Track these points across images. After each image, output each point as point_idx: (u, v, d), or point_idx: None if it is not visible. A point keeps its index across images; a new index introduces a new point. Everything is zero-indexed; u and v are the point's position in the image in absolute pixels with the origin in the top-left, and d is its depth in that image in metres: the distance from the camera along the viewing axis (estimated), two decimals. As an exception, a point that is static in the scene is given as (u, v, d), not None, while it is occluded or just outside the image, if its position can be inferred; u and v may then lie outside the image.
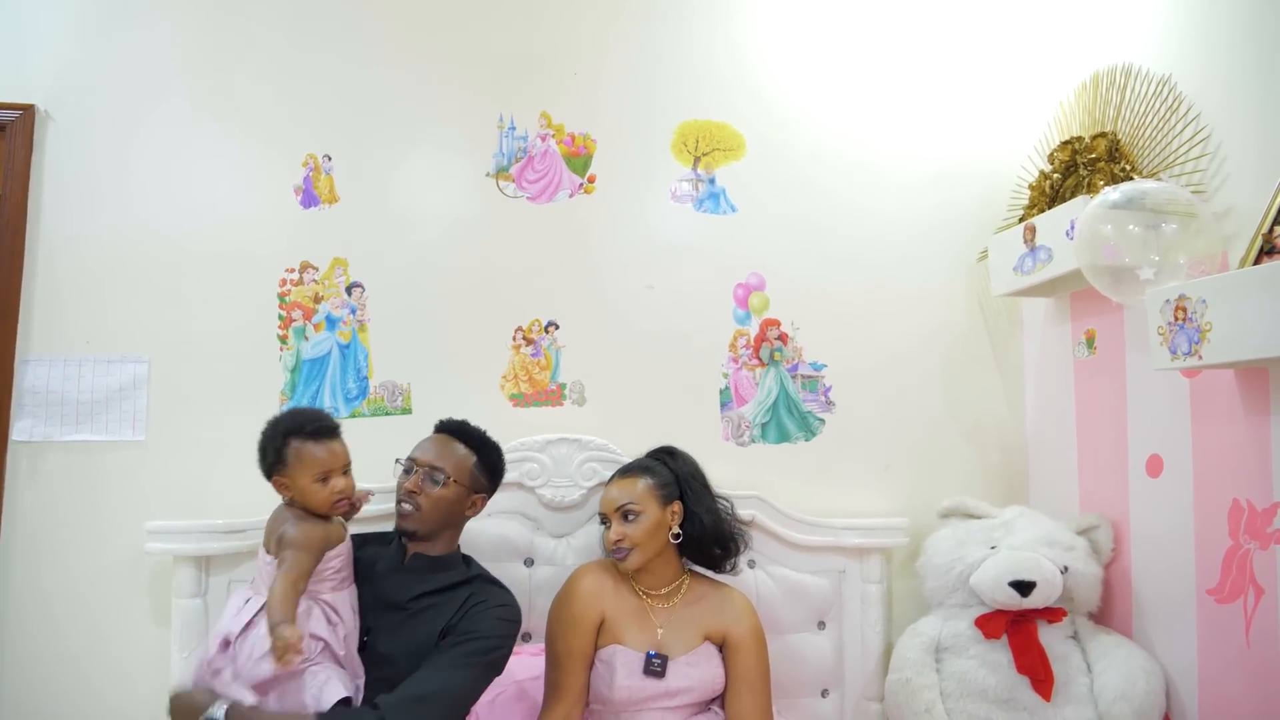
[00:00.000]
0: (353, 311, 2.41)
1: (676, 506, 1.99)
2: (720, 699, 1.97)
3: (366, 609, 1.77)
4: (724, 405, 2.52)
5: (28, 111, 2.31)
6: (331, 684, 1.59)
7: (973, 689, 2.15)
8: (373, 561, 1.86)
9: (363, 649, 1.74)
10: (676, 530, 1.99)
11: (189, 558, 2.11)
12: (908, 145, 2.66)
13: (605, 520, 2.00)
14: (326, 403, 2.37)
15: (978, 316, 2.65)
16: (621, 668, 1.88)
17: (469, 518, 1.93)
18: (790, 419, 2.54)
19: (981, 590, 2.19)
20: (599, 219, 2.53)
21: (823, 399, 2.56)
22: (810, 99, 2.64)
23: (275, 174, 2.42)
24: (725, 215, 2.58)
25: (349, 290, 2.41)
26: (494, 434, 2.32)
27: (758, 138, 2.60)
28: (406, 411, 2.40)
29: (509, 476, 2.27)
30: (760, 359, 2.54)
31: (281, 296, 2.39)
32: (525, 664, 2.11)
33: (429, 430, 2.35)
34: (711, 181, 2.58)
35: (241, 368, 2.35)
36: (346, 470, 1.75)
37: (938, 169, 2.66)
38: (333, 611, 1.68)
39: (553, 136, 2.53)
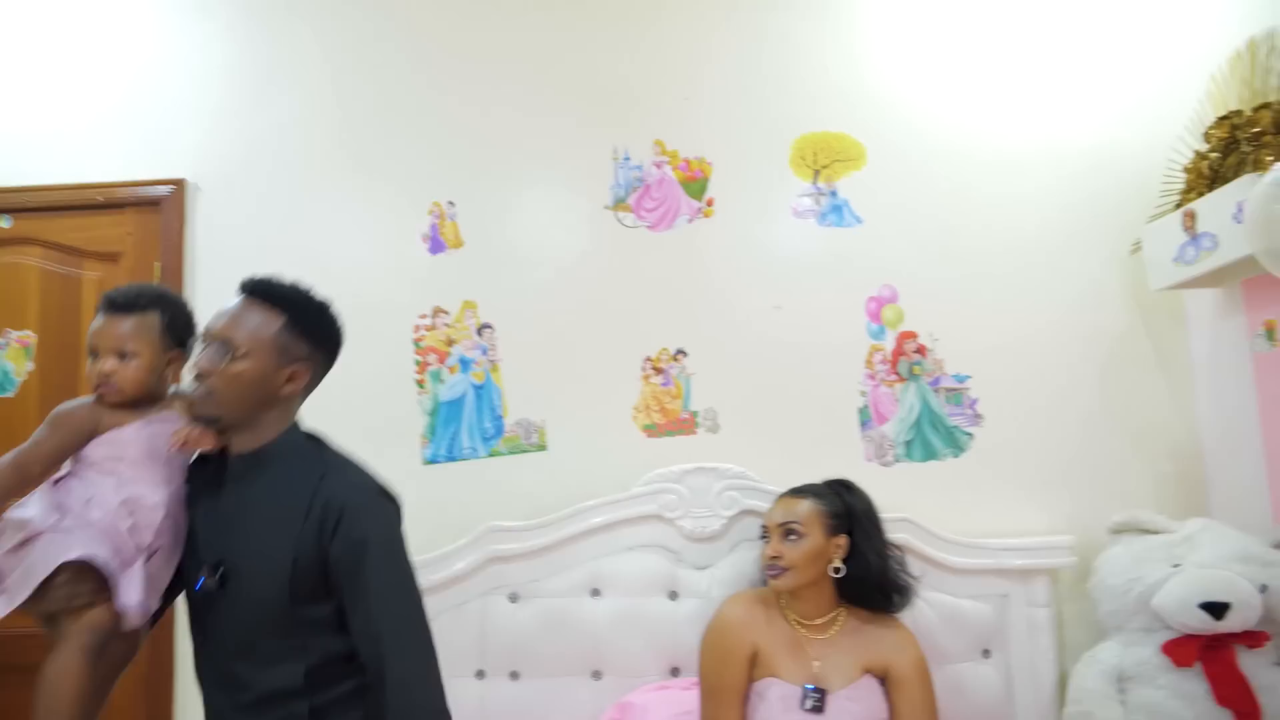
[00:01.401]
0: (484, 352, 2.45)
1: (842, 540, 1.92)
2: (884, 735, 1.87)
3: (213, 538, 1.48)
4: (864, 424, 2.43)
5: (179, 186, 2.48)
6: (57, 544, 1.37)
7: (1165, 722, 1.96)
8: (213, 473, 1.54)
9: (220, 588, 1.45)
10: (838, 565, 1.91)
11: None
12: (1043, 136, 2.51)
13: (765, 535, 1.96)
14: (465, 443, 2.41)
15: (1135, 313, 2.46)
16: (778, 702, 1.82)
17: (289, 394, 1.50)
18: (936, 435, 2.42)
19: (1167, 613, 2.01)
20: (720, 242, 2.50)
21: (969, 412, 2.43)
22: (932, 97, 2.54)
23: (403, 224, 2.51)
24: (850, 227, 2.50)
25: (480, 331, 2.45)
26: (629, 466, 2.34)
27: (879, 144, 2.52)
28: (542, 448, 2.42)
29: (646, 509, 2.26)
30: (899, 374, 2.44)
31: (416, 341, 2.45)
32: (676, 698, 2.07)
33: (565, 465, 2.38)
34: (834, 194, 2.51)
35: (383, 413, 2.43)
36: (124, 355, 1.47)
37: (1078, 158, 2.50)
38: (94, 491, 1.46)
39: (668, 163, 2.52)
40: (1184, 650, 1.98)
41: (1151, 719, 1.98)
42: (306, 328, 1.50)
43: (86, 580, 1.36)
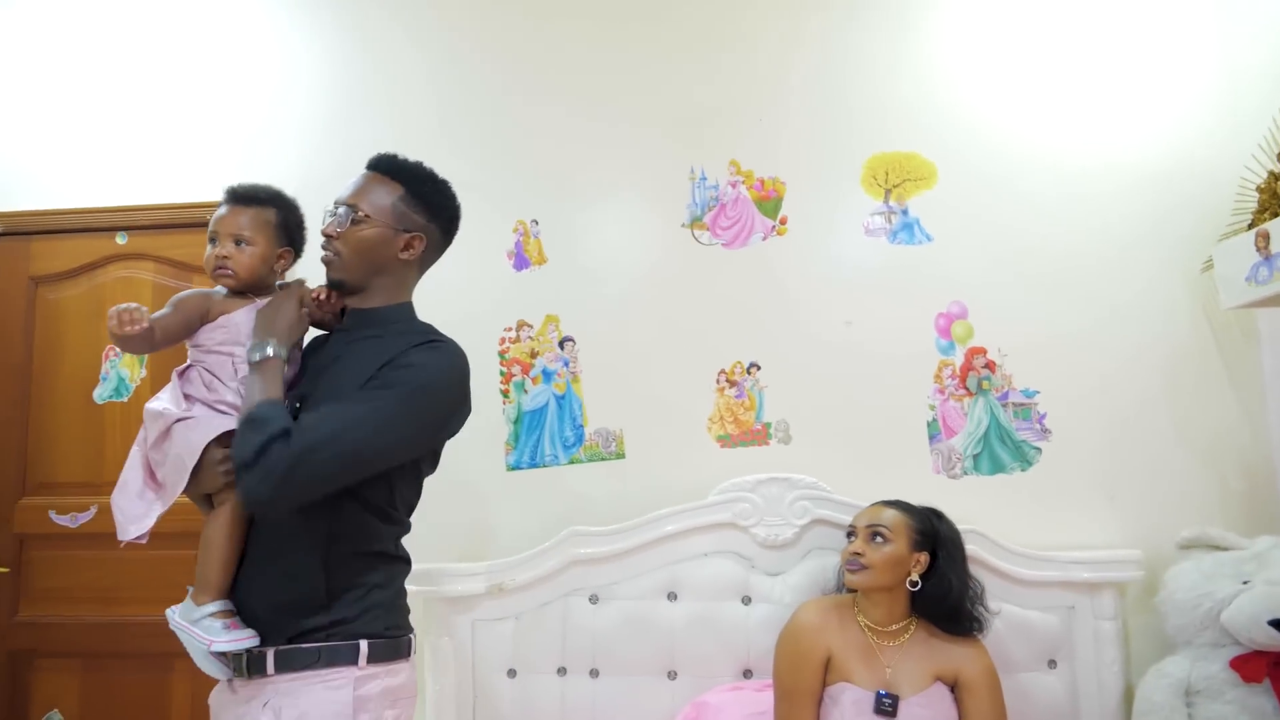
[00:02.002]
0: (566, 364, 2.57)
1: (924, 557, 1.99)
2: (954, 740, 1.94)
3: (307, 382, 1.59)
4: (932, 438, 2.49)
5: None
6: (197, 430, 1.48)
7: (1232, 736, 2.00)
8: (328, 341, 1.66)
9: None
10: (915, 579, 1.98)
11: (439, 599, 2.31)
12: (1113, 153, 2.53)
13: (851, 534, 2.05)
14: (547, 451, 2.54)
15: (1205, 330, 2.47)
16: (850, 705, 1.90)
17: (407, 261, 1.61)
18: (1004, 449, 2.47)
19: (1236, 629, 2.04)
20: (792, 259, 2.58)
21: (1037, 427, 2.47)
22: (1003, 116, 2.58)
23: (489, 242, 2.63)
24: (920, 245, 2.56)
25: (561, 344, 2.57)
26: (704, 475, 2.43)
27: (949, 163, 2.57)
28: (620, 456, 2.53)
29: (721, 516, 2.36)
30: (967, 388, 2.49)
31: (501, 354, 2.58)
32: (750, 699, 2.16)
33: (642, 473, 2.49)
34: (904, 212, 2.57)
35: (470, 421, 2.54)
36: (240, 241, 1.57)
37: (1149, 176, 2.52)
38: (211, 376, 1.56)
39: (742, 183, 2.61)
40: (1253, 666, 2.02)
41: (1219, 732, 2.02)
42: (423, 199, 1.62)
43: (216, 458, 1.48)
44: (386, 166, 1.62)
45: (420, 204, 1.61)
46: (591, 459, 2.54)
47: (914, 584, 1.98)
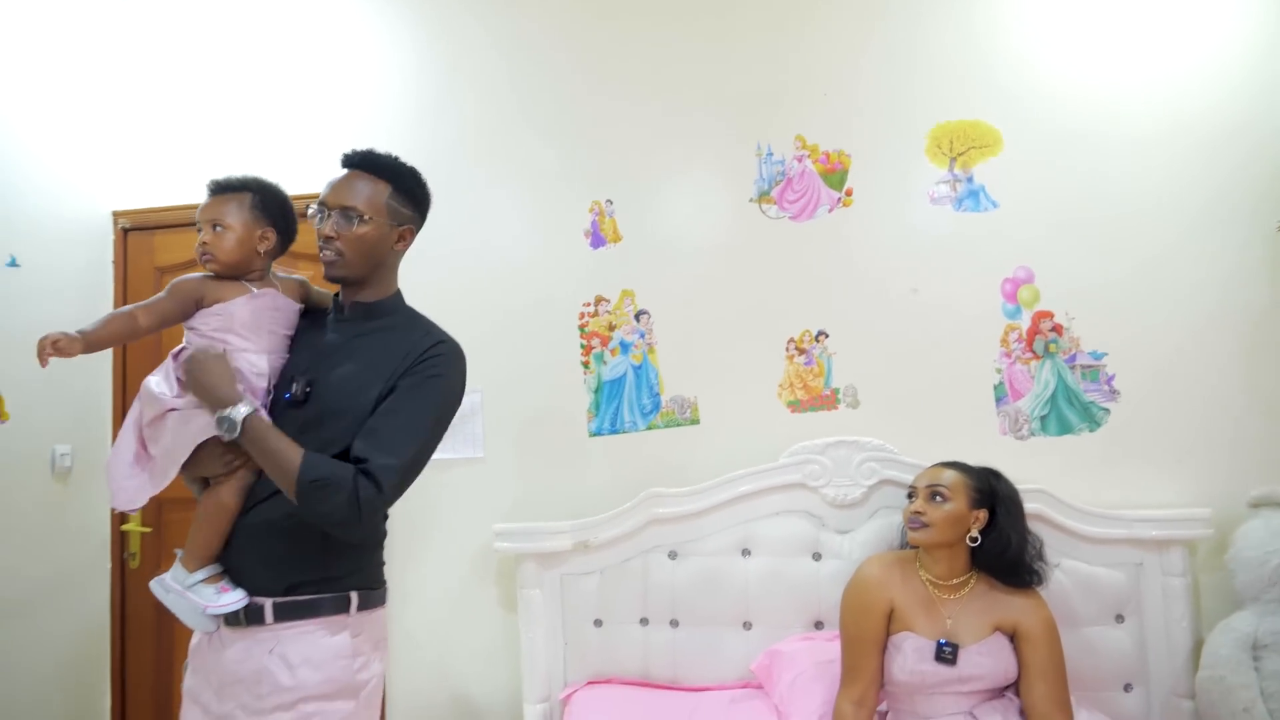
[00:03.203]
0: (642, 336, 2.71)
1: (982, 514, 2.08)
2: (1014, 687, 2.04)
3: (310, 363, 1.67)
4: (999, 400, 2.55)
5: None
6: (194, 423, 1.56)
7: (1299, 688, 2.04)
8: (315, 323, 1.76)
9: (304, 403, 1.63)
10: (975, 535, 2.08)
11: (531, 555, 2.51)
12: (1182, 115, 2.53)
13: (912, 495, 2.15)
14: (625, 418, 2.69)
15: (1278, 290, 2.46)
16: (912, 653, 2.01)
17: (400, 253, 1.74)
18: (1071, 410, 2.52)
19: (1303, 584, 2.07)
20: (859, 229, 2.65)
21: (1106, 388, 2.51)
22: (1067, 79, 2.59)
23: (567, 223, 2.78)
24: (986, 212, 2.60)
25: (637, 317, 2.72)
26: (775, 438, 2.56)
27: (1014, 129, 2.60)
28: (695, 422, 2.67)
29: (792, 478, 2.48)
30: (1034, 352, 2.54)
31: (581, 327, 2.74)
32: (820, 648, 2.30)
33: (716, 438, 2.63)
34: (969, 180, 2.61)
35: (553, 392, 2.74)
36: (217, 226, 1.65)
37: (1219, 137, 2.51)
38: None
39: (808, 157, 2.69)
40: (1320, 621, 2.05)
41: (1285, 685, 2.06)
42: (409, 193, 1.71)
43: (216, 451, 1.58)
44: (371, 165, 1.68)
45: (407, 198, 1.71)
46: (668, 425, 2.69)
47: (974, 540, 2.07)
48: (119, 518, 2.99)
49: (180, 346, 1.66)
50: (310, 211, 1.68)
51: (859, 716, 2.02)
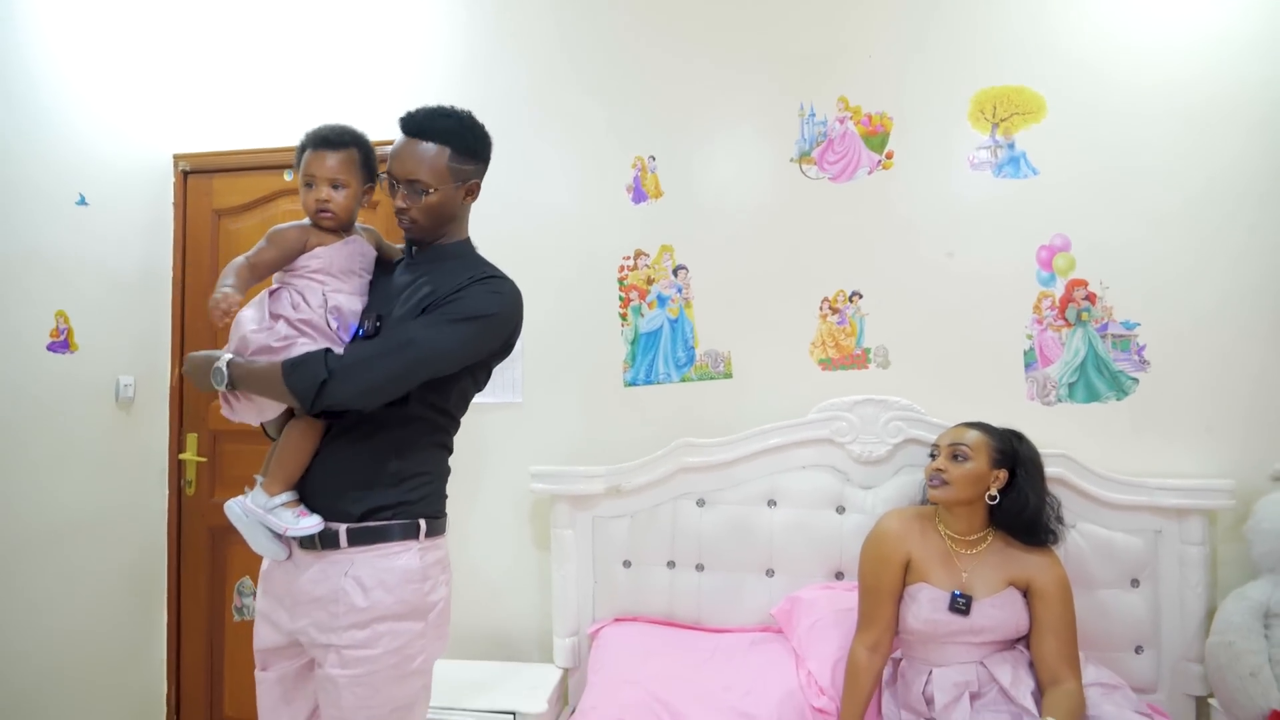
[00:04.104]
0: (679, 290, 2.78)
1: (1002, 474, 2.14)
2: (1024, 640, 2.12)
3: (381, 303, 1.76)
4: (1028, 366, 2.59)
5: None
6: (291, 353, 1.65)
7: (1307, 656, 2.09)
8: (388, 269, 1.86)
9: (374, 338, 1.71)
10: (994, 494, 2.14)
11: (564, 496, 2.62)
12: (1229, 85, 2.50)
13: (934, 453, 2.21)
14: (660, 370, 2.78)
15: (1318, 266, 2.46)
16: (927, 603, 2.10)
17: (470, 204, 1.81)
18: (1100, 378, 2.55)
19: (1319, 556, 2.11)
20: (897, 192, 2.68)
21: (1135, 358, 2.54)
22: (1114, 47, 2.57)
23: (610, 177, 2.84)
24: (1026, 179, 2.61)
25: (675, 272, 2.79)
26: (805, 395, 2.63)
27: (1058, 96, 2.60)
28: (728, 376, 2.75)
29: (820, 433, 2.56)
30: (1066, 319, 2.57)
31: (620, 280, 2.82)
32: (839, 597, 2.40)
33: (748, 392, 2.70)
34: (1011, 146, 2.62)
35: (591, 342, 2.83)
36: (336, 185, 1.73)
37: (1264, 108, 2.48)
38: (300, 299, 1.72)
39: (850, 119, 2.71)
40: (1333, 592, 2.09)
41: (1293, 652, 2.11)
42: (469, 150, 1.74)
43: None
44: (429, 130, 1.70)
45: (467, 155, 1.74)
46: (701, 378, 2.77)
47: (993, 498, 2.14)
48: (177, 447, 3.15)
49: (275, 286, 1.76)
50: (381, 180, 1.77)
51: (873, 661, 2.12)
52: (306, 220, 1.78)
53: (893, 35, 2.70)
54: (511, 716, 2.35)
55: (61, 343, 2.70)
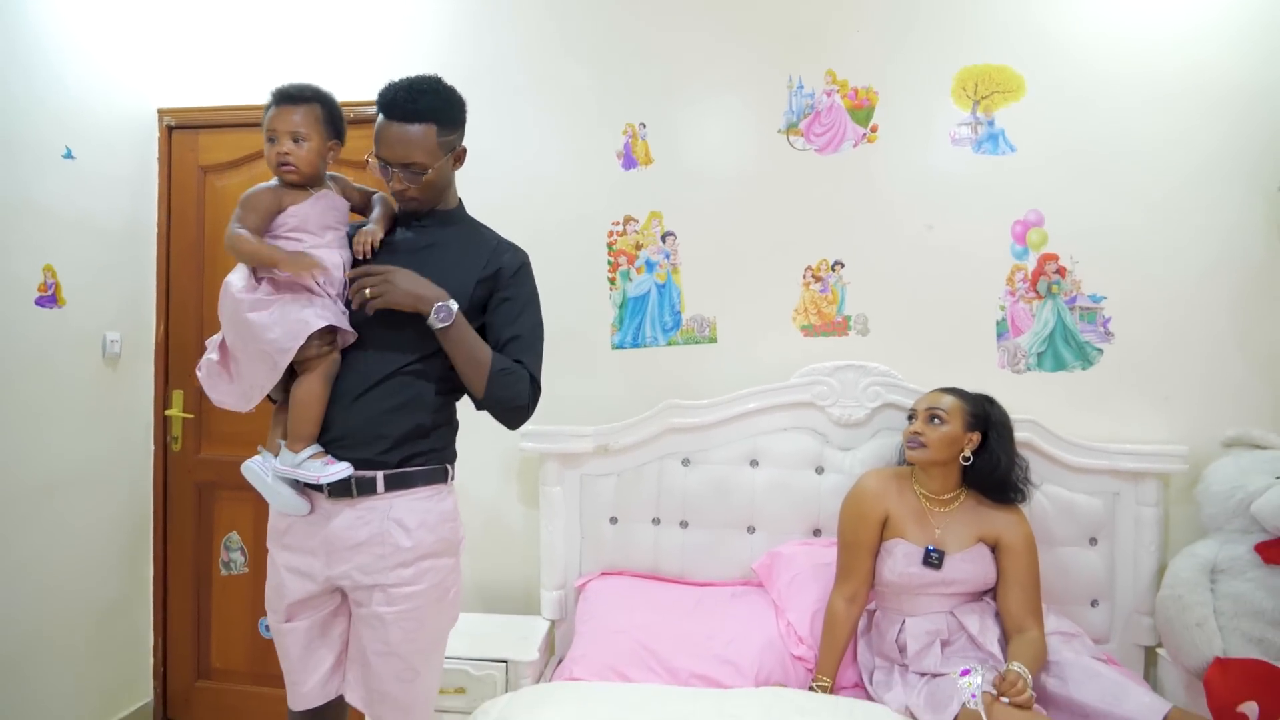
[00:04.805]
0: (667, 256, 2.85)
1: (976, 436, 2.27)
2: (992, 592, 2.26)
3: (397, 261, 1.81)
4: (1000, 335, 2.71)
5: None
6: (307, 310, 1.71)
7: (1248, 609, 2.26)
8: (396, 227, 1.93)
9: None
10: (968, 455, 2.26)
11: (554, 455, 2.70)
12: (1200, 70, 2.62)
13: (912, 417, 2.33)
14: (647, 333, 2.86)
15: (1275, 246, 2.60)
16: (902, 557, 2.22)
17: (458, 168, 1.89)
18: (1067, 348, 2.68)
19: (1263, 517, 2.27)
20: (880, 165, 2.77)
21: (1101, 330, 2.67)
22: (1093, 30, 2.67)
23: (601, 143, 2.89)
24: (1004, 155, 2.71)
25: (664, 238, 2.85)
26: (787, 360, 2.73)
27: (1038, 77, 2.69)
28: (713, 340, 2.83)
29: (801, 397, 2.66)
30: (1037, 292, 2.69)
31: (609, 245, 2.88)
32: (817, 552, 2.52)
33: (732, 356, 2.79)
34: (990, 123, 2.72)
35: (580, 305, 2.89)
36: (298, 139, 1.76)
37: (1232, 93, 2.60)
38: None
39: (837, 92, 2.79)
40: (1274, 550, 2.26)
41: (1236, 605, 2.27)
42: (452, 121, 1.81)
43: (326, 335, 1.75)
44: (415, 112, 1.74)
45: (451, 126, 1.81)
46: (687, 341, 2.85)
47: (966, 460, 2.26)
48: (163, 403, 3.17)
49: None
50: (369, 163, 1.81)
51: (850, 612, 2.25)
52: (275, 181, 1.81)
53: (881, 11, 2.76)
54: (504, 664, 2.44)
55: (49, 297, 2.69)
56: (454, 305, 1.74)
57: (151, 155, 3.15)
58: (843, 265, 2.78)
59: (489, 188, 2.88)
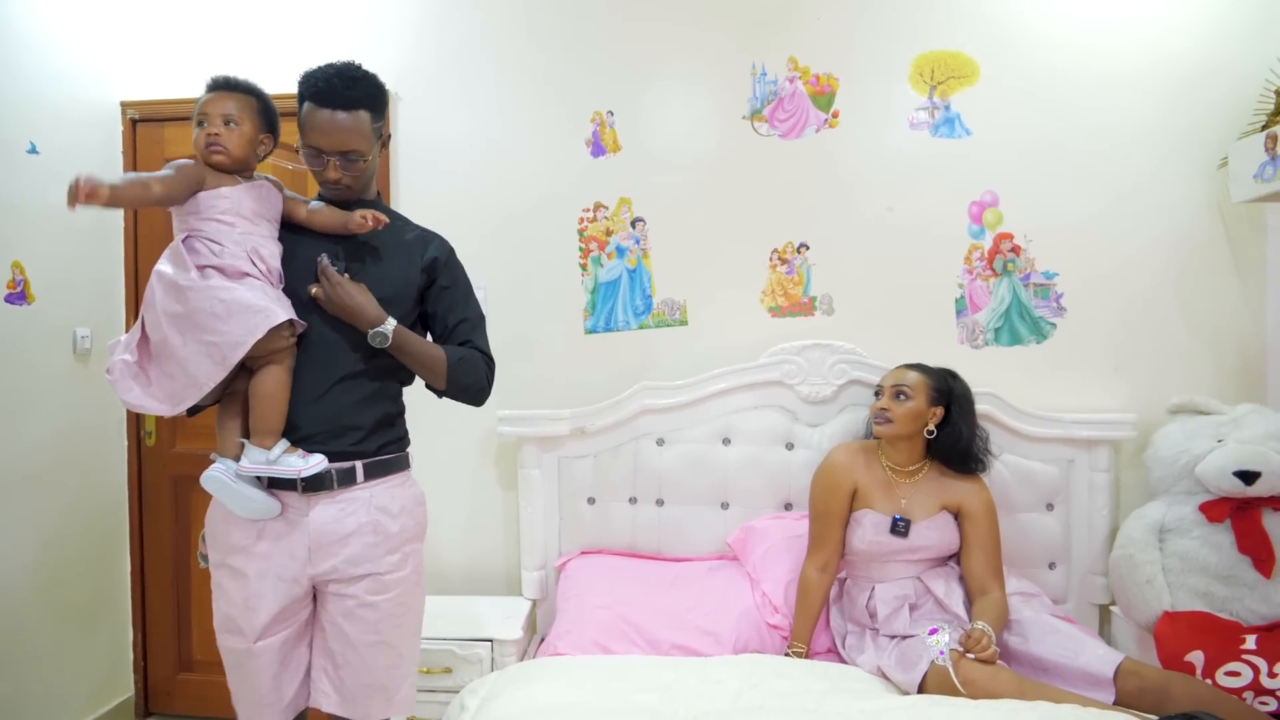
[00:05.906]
0: (637, 242, 2.91)
1: (939, 410, 2.37)
2: (956, 557, 2.37)
3: (318, 247, 1.80)
4: (959, 313, 2.82)
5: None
6: (264, 301, 1.65)
7: (1194, 565, 2.39)
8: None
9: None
10: (932, 428, 2.36)
11: (531, 438, 2.76)
12: (1147, 53, 2.73)
13: (879, 393, 2.42)
14: (619, 317, 2.92)
15: (1217, 223, 2.73)
16: (870, 526, 2.32)
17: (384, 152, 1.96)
18: (1022, 324, 2.79)
19: (1206, 479, 2.40)
20: (842, 150, 2.85)
21: (1054, 305, 2.78)
22: (1043, 15, 2.77)
23: (570, 131, 2.94)
24: (960, 139, 2.81)
25: (633, 224, 2.91)
26: (756, 340, 2.81)
27: (991, 62, 2.79)
28: (683, 323, 2.91)
29: (770, 376, 2.74)
30: (994, 270, 2.80)
31: (580, 231, 2.93)
32: (789, 525, 2.61)
33: (702, 338, 2.87)
34: (947, 108, 2.81)
35: (552, 291, 2.94)
36: (230, 122, 1.71)
37: (1179, 77, 2.72)
38: (218, 244, 1.67)
39: (800, 78, 2.86)
40: (1217, 509, 2.39)
41: (1183, 562, 2.40)
42: (381, 106, 1.82)
43: (282, 329, 1.69)
44: (349, 99, 1.73)
45: (381, 112, 1.82)
46: (659, 325, 2.92)
47: (930, 433, 2.37)
48: (136, 397, 3.16)
49: (184, 236, 1.68)
50: (299, 153, 1.80)
51: (822, 580, 2.34)
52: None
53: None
54: (489, 643, 2.50)
55: (19, 294, 2.68)
56: (389, 329, 1.74)
57: (116, 149, 3.13)
58: (808, 247, 2.86)
59: (458, 178, 2.94)
